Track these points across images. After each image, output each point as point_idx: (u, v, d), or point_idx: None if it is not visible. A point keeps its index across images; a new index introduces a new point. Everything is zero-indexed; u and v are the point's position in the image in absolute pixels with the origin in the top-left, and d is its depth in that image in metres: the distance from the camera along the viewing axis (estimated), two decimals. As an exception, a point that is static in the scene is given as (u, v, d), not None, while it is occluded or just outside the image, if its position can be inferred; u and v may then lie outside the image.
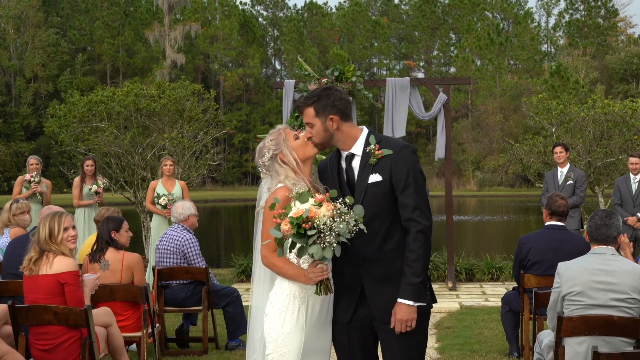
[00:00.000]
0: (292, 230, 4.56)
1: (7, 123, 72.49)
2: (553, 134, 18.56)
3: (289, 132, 5.17)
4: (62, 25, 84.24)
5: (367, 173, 5.02)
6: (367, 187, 5.00)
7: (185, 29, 75.49)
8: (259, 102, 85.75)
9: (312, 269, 4.74)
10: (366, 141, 5.10)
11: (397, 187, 4.97)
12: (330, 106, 5.05)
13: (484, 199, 61.61)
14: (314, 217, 4.53)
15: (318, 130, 5.04)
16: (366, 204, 4.91)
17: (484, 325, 10.97)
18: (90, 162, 14.32)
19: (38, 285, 6.64)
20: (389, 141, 5.12)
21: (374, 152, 5.00)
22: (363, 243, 4.95)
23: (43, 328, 6.59)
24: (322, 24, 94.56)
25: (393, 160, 4.98)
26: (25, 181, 14.08)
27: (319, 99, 5.06)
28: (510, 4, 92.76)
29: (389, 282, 4.98)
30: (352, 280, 5.05)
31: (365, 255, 5.00)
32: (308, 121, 5.06)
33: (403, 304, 4.90)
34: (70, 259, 6.73)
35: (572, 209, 12.78)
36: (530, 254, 8.51)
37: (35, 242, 6.73)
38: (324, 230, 4.54)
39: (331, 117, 5.03)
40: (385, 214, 5.01)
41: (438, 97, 14.35)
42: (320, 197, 4.65)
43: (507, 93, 74.31)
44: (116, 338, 7.46)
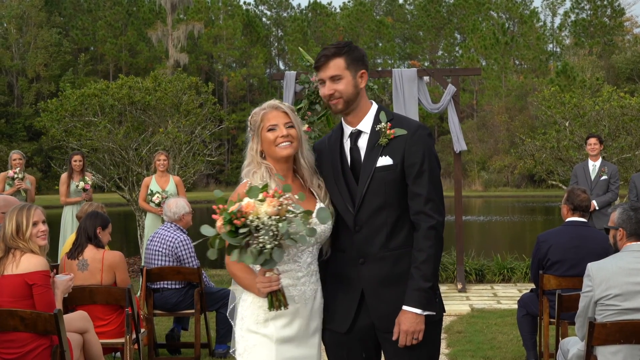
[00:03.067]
0: (224, 227, 3.84)
1: (10, 123, 72.14)
2: (567, 129, 17.89)
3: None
4: (64, 25, 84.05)
5: (375, 155, 4.30)
6: (375, 171, 4.28)
7: (189, 29, 75.16)
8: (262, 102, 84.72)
9: (260, 278, 4.03)
10: (376, 117, 4.39)
11: (409, 173, 4.26)
12: (361, 60, 4.37)
13: (489, 199, 61.02)
14: (248, 212, 3.81)
15: (348, 84, 4.29)
16: (372, 191, 4.27)
17: (497, 330, 10.29)
18: (78, 158, 13.61)
19: (3, 286, 5.90)
20: (402, 120, 4.40)
21: (385, 131, 4.30)
22: (365, 238, 4.30)
23: (8, 335, 5.84)
24: (326, 23, 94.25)
25: (407, 141, 4.28)
26: (9, 178, 13.39)
27: (350, 49, 4.34)
28: (515, 3, 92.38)
29: (394, 285, 4.27)
30: (350, 282, 4.35)
31: (367, 252, 4.30)
32: (335, 74, 4.27)
33: (409, 312, 4.18)
34: (40, 257, 6.00)
35: (605, 207, 12.13)
36: (550, 252, 7.82)
37: (0, 239, 6.01)
38: (259, 228, 3.80)
39: (362, 72, 4.36)
40: (394, 204, 4.30)
41: (447, 89, 13.70)
42: (272, 191, 3.93)
43: (513, 93, 73.89)
44: (93, 345, 6.72)
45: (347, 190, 4.34)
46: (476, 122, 76.33)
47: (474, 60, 79.51)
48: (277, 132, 4.24)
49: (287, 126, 4.24)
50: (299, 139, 4.29)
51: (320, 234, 4.23)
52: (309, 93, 13.34)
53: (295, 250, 4.20)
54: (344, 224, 4.36)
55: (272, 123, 4.26)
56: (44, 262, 6.02)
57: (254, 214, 3.80)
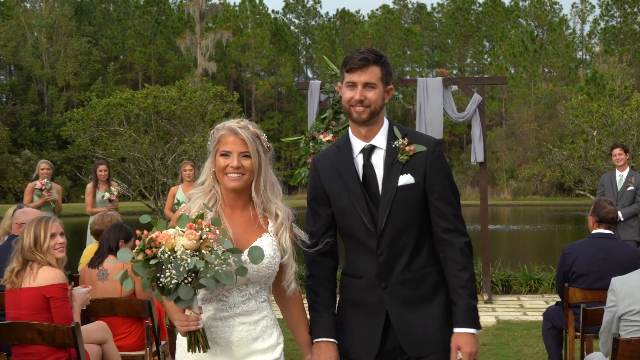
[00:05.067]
0: (136, 255, 3.51)
1: (40, 132, 72.79)
2: (594, 138, 17.70)
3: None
4: (94, 34, 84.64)
5: (396, 173, 4.08)
6: (397, 190, 4.06)
7: (217, 37, 75.33)
8: (290, 110, 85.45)
9: (178, 315, 3.69)
10: (389, 133, 4.16)
11: (433, 191, 4.09)
12: (391, 76, 4.17)
13: (518, 208, 60.61)
14: (161, 243, 3.47)
15: (379, 95, 4.06)
16: (395, 211, 4.05)
17: (522, 342, 10.16)
18: (103, 167, 13.63)
19: (20, 299, 5.90)
20: (416, 135, 4.18)
21: (404, 148, 4.08)
22: (387, 261, 4.08)
23: (26, 348, 5.84)
24: (355, 31, 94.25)
25: (428, 158, 4.09)
26: (36, 189, 13.41)
27: (386, 61, 4.12)
28: (544, 11, 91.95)
29: (419, 307, 4.10)
30: (371, 308, 4.12)
31: (390, 276, 4.10)
32: (370, 81, 4.02)
33: (467, 333, 4.03)
34: (57, 270, 5.97)
35: (631, 219, 11.98)
36: (575, 265, 7.69)
37: (18, 251, 5.98)
38: (168, 261, 3.45)
39: (390, 87, 4.16)
40: (415, 224, 4.12)
41: (472, 98, 13.59)
42: (203, 224, 3.59)
43: (542, 101, 73.40)
44: (112, 356, 6.69)
45: (369, 211, 4.10)
46: (505, 130, 75.91)
47: (502, 68, 79.14)
48: (228, 160, 3.88)
49: (242, 156, 3.88)
50: (253, 171, 3.92)
51: (255, 274, 3.87)
52: (334, 102, 13.30)
53: (221, 289, 3.85)
54: (361, 248, 4.15)
55: (226, 149, 3.89)
56: (62, 275, 5.99)
57: (169, 245, 3.47)
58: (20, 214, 7.55)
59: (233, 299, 3.87)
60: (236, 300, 3.88)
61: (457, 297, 4.05)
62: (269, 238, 3.95)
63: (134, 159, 16.70)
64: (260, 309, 3.95)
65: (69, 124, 17.77)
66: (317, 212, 4.25)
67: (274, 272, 3.95)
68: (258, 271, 3.85)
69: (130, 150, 16.48)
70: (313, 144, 13.35)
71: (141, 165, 16.87)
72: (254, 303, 3.92)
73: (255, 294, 3.93)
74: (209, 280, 3.47)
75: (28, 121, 72.90)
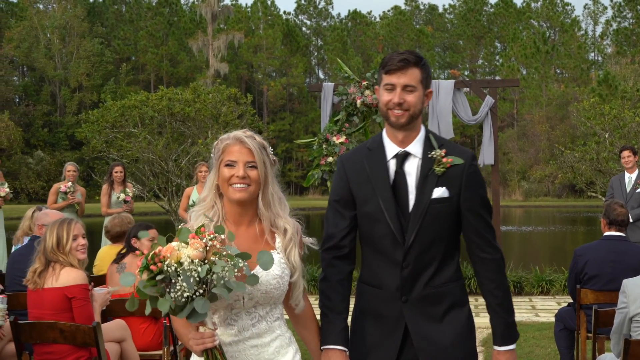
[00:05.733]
0: (140, 275, 3.31)
1: (52, 132, 73.18)
2: (606, 140, 17.76)
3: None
4: (106, 35, 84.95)
5: (430, 185, 3.89)
6: (431, 203, 3.89)
7: (229, 39, 75.51)
8: (302, 111, 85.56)
9: (192, 334, 3.48)
10: (426, 141, 3.98)
11: (467, 206, 3.94)
12: (430, 79, 4.01)
13: (530, 209, 60.55)
14: (166, 256, 3.27)
15: (419, 99, 3.90)
16: (426, 224, 3.88)
17: (534, 343, 10.24)
18: (119, 169, 13.79)
19: (43, 299, 6.03)
20: (453, 147, 4.00)
21: (441, 159, 3.90)
22: (411, 274, 3.91)
23: (48, 347, 5.98)
24: (366, 32, 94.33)
25: (465, 172, 3.92)
26: (61, 192, 13.56)
27: (426, 64, 3.95)
28: (556, 12, 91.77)
29: (439, 324, 3.94)
30: (390, 320, 3.98)
31: (411, 290, 3.93)
32: (410, 83, 3.86)
33: (507, 351, 3.99)
34: (79, 270, 6.10)
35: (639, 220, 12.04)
36: (587, 267, 7.77)
37: (41, 252, 6.11)
38: (175, 274, 3.26)
39: (430, 91, 4.01)
40: (444, 238, 3.95)
41: (484, 100, 13.68)
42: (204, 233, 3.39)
43: (554, 102, 73.31)
44: (131, 355, 6.81)
45: (398, 221, 3.91)
46: (516, 132, 75.84)
47: (514, 69, 79.06)
48: (234, 170, 3.66)
49: (248, 166, 3.67)
50: (259, 182, 3.71)
51: (264, 297, 3.69)
52: (347, 105, 13.40)
53: (229, 313, 3.68)
54: (383, 258, 3.98)
55: (232, 159, 3.67)
56: (83, 275, 6.12)
57: (174, 258, 3.27)
58: (42, 215, 7.70)
59: (242, 323, 3.70)
60: (245, 323, 3.70)
61: (495, 315, 3.99)
62: (277, 256, 3.74)
63: (148, 160, 16.82)
64: (273, 328, 3.78)
65: (84, 125, 17.93)
66: (340, 214, 4.05)
67: (283, 292, 3.76)
68: (267, 293, 3.67)
69: (144, 151, 16.61)
70: (326, 146, 13.45)
71: (155, 167, 17.00)
72: (265, 324, 3.75)
73: (266, 315, 3.75)
74: (221, 289, 3.27)
75: (41, 122, 73.28)
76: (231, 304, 3.62)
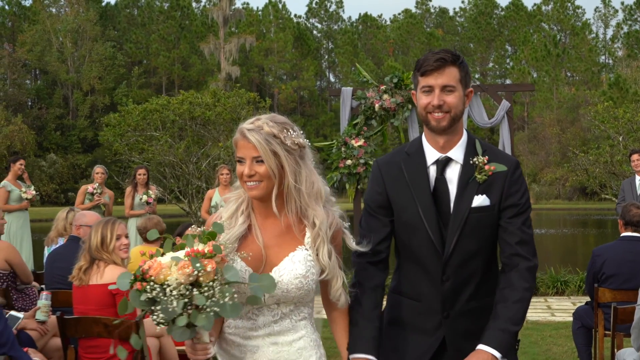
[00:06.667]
0: (132, 284, 3.14)
1: (65, 135, 73.55)
2: (620, 143, 17.96)
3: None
4: (118, 38, 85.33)
5: (470, 192, 3.68)
6: (470, 212, 3.66)
7: (240, 42, 75.61)
8: (313, 114, 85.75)
9: (187, 342, 3.28)
10: (468, 146, 3.75)
11: (508, 214, 3.69)
12: (470, 77, 3.75)
13: (541, 212, 60.51)
14: (151, 275, 3.06)
15: (459, 98, 3.66)
16: (465, 234, 3.66)
17: (552, 342, 10.46)
18: (142, 171, 14.10)
19: (88, 295, 6.32)
20: (496, 153, 3.76)
21: (483, 166, 3.68)
22: (453, 289, 3.70)
23: (93, 341, 6.25)
24: (377, 36, 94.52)
25: (508, 180, 3.70)
26: (88, 193, 13.85)
27: (464, 62, 3.70)
28: (567, 15, 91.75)
29: (478, 339, 3.65)
30: (427, 333, 3.77)
31: (453, 305, 3.72)
32: (450, 83, 3.63)
33: (486, 352, 3.57)
34: (122, 268, 6.38)
35: None
36: (605, 266, 8.00)
37: (86, 250, 6.41)
38: (157, 297, 3.04)
39: (470, 90, 3.76)
40: (486, 249, 3.74)
41: (501, 104, 13.92)
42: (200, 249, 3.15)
43: (565, 105, 73.40)
44: (169, 350, 7.08)
45: (439, 230, 3.69)
46: (527, 134, 75.88)
47: (525, 73, 79.14)
48: (243, 166, 3.44)
49: (255, 161, 3.41)
50: (271, 176, 3.42)
51: (285, 296, 3.49)
52: (365, 109, 13.68)
53: (250, 307, 3.50)
54: (421, 270, 3.78)
55: (240, 155, 3.46)
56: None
57: (159, 280, 3.04)
58: (79, 216, 7.99)
59: (263, 319, 3.51)
60: (266, 319, 3.51)
61: (495, 315, 3.66)
62: (303, 252, 3.51)
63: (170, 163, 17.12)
64: (297, 328, 3.56)
65: (106, 129, 18.24)
66: (376, 219, 3.82)
67: (308, 292, 3.51)
68: (287, 292, 3.46)
69: (166, 154, 16.91)
70: (345, 149, 13.72)
71: (176, 170, 17.30)
72: (289, 322, 3.55)
73: (290, 312, 3.54)
74: (203, 320, 3.05)
75: (53, 125, 73.67)
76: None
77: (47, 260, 8.04)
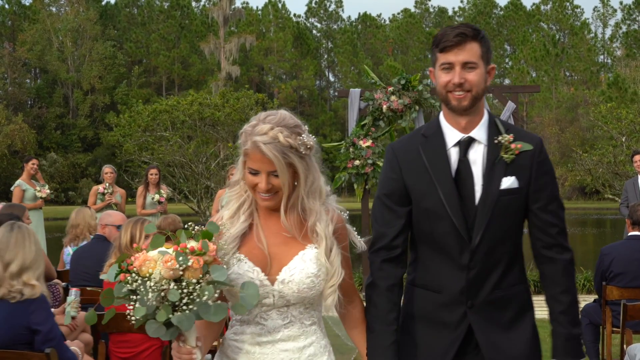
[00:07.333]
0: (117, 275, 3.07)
1: (65, 134, 73.73)
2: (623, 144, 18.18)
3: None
4: (118, 38, 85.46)
5: (499, 173, 3.43)
6: (500, 194, 3.43)
7: (240, 41, 75.70)
8: (312, 114, 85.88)
9: (173, 344, 3.17)
10: (490, 126, 3.51)
11: (538, 198, 3.49)
12: (491, 53, 3.53)
13: (540, 211, 60.65)
14: (134, 269, 3.00)
15: (480, 75, 3.44)
16: (495, 218, 3.45)
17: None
18: (154, 171, 14.32)
19: (119, 291, 6.55)
20: (519, 131, 3.54)
21: (509, 145, 3.44)
22: (478, 276, 3.48)
23: (123, 336, 6.45)
24: (376, 35, 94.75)
25: (535, 159, 3.47)
26: (99, 193, 14.04)
27: (485, 37, 3.49)
28: (566, 15, 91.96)
29: (509, 330, 3.55)
30: (450, 326, 3.55)
31: (478, 294, 3.50)
32: (469, 59, 3.41)
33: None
34: (150, 265, 6.62)
35: None
36: (613, 265, 8.21)
37: (117, 248, 6.67)
38: (137, 289, 2.98)
39: (492, 67, 3.54)
40: (513, 235, 3.53)
41: (507, 106, 14.12)
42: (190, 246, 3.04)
43: (564, 105, 73.50)
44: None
45: (463, 217, 3.45)
46: (526, 134, 76.01)
47: (524, 72, 79.30)
48: (257, 179, 3.28)
49: (271, 175, 3.27)
50: (286, 186, 3.31)
51: (296, 296, 3.35)
52: (373, 110, 13.88)
53: (258, 310, 3.36)
54: (444, 259, 3.54)
55: (253, 167, 3.28)
56: (155, 270, 6.64)
57: (142, 272, 2.98)
58: (105, 216, 8.25)
59: (273, 323, 3.35)
60: (276, 323, 3.36)
61: (557, 324, 3.58)
62: (314, 251, 3.37)
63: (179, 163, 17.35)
64: (307, 333, 3.42)
65: (115, 129, 18.45)
66: (392, 210, 3.57)
67: (319, 292, 3.37)
68: (299, 292, 3.33)
69: (175, 155, 17.14)
70: (353, 150, 13.93)
71: (185, 170, 17.53)
72: (299, 327, 3.40)
73: (299, 315, 3.40)
74: (181, 319, 2.94)
75: (53, 124, 73.86)
76: (260, 301, 3.28)
77: (73, 258, 8.27)
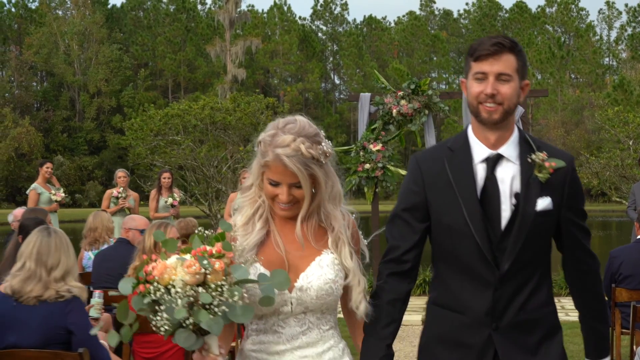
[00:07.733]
0: (135, 287, 2.93)
1: (71, 137, 74.01)
2: (630, 147, 18.30)
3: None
4: (125, 41, 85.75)
5: (534, 194, 3.28)
6: (536, 216, 3.28)
7: (246, 44, 75.90)
8: (318, 116, 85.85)
9: (195, 354, 3.03)
10: (521, 142, 3.34)
11: (569, 217, 3.39)
12: (527, 68, 3.34)
13: (545, 214, 60.64)
14: (154, 278, 2.86)
15: (514, 89, 3.24)
16: (527, 242, 3.29)
17: (568, 340, 10.74)
18: (167, 175, 14.44)
19: (143, 293, 6.71)
20: (551, 149, 3.39)
21: (542, 163, 3.28)
22: (504, 298, 3.32)
23: (147, 336, 6.57)
24: (382, 38, 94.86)
25: (568, 176, 3.35)
26: (113, 197, 14.19)
27: (522, 50, 3.31)
28: (571, 17, 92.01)
29: (536, 354, 3.38)
30: (475, 349, 3.38)
31: (503, 315, 3.33)
32: (504, 71, 3.22)
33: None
34: (173, 268, 6.78)
35: None
36: (622, 267, 8.33)
37: (141, 251, 6.80)
38: (161, 298, 2.84)
39: (526, 83, 3.33)
40: (542, 255, 3.39)
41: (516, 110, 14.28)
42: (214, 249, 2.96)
43: (569, 107, 73.54)
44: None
45: (487, 237, 3.29)
46: (532, 137, 76.03)
47: (529, 75, 79.10)
48: (277, 190, 3.20)
49: (293, 186, 3.21)
50: (307, 197, 3.24)
51: (314, 303, 3.26)
52: (383, 114, 14.03)
53: (275, 318, 3.26)
54: (468, 278, 3.37)
55: (274, 179, 3.20)
56: (177, 272, 6.81)
57: (163, 281, 2.85)
58: (128, 219, 8.41)
59: (290, 330, 3.27)
60: (294, 331, 3.27)
61: (589, 328, 3.57)
62: (330, 256, 3.30)
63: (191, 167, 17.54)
64: (325, 338, 3.34)
65: (127, 133, 18.63)
66: (409, 225, 3.44)
67: (337, 297, 3.31)
68: (317, 299, 3.24)
69: (187, 158, 17.32)
70: (363, 153, 14.07)
71: (197, 173, 17.70)
72: (317, 333, 3.32)
73: (317, 321, 3.32)
74: (210, 320, 2.82)
75: (60, 127, 74.17)
76: (277, 309, 3.22)
77: (95, 260, 8.44)
